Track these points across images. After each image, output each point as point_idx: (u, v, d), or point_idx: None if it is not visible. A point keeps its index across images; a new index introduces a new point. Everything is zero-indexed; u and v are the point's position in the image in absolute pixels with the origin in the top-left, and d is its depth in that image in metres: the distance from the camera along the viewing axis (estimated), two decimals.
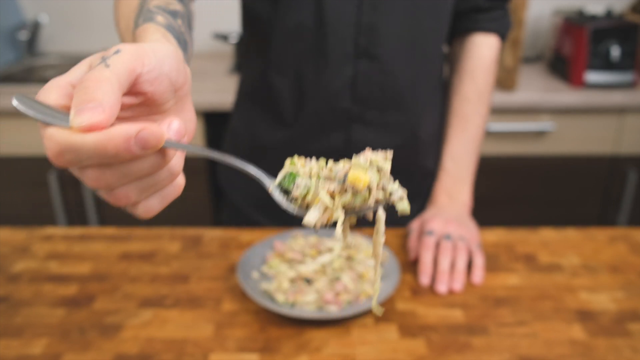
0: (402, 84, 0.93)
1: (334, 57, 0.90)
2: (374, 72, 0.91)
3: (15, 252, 0.91)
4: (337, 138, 0.95)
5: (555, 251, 0.91)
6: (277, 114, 0.96)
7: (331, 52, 0.89)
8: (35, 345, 0.70)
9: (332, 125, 0.94)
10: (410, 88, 0.94)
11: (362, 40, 0.89)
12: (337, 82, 0.91)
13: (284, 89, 0.94)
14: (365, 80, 0.91)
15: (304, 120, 0.95)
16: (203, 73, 2.05)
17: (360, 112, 0.93)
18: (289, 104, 0.95)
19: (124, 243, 0.93)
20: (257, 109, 1.00)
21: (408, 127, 0.96)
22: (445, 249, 0.84)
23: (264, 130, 0.99)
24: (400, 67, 0.92)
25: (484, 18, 0.99)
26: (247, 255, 0.84)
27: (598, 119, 1.85)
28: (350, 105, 0.92)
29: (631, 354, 0.69)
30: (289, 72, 0.93)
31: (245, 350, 0.69)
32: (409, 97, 0.94)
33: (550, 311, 0.77)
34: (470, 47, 1.00)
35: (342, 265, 0.81)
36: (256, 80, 0.98)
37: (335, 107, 0.93)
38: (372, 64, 0.90)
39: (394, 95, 0.93)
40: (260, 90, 0.98)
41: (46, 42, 2.33)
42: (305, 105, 0.93)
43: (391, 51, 0.90)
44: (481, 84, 0.98)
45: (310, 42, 0.90)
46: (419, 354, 0.69)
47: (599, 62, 1.86)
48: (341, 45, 0.89)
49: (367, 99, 0.92)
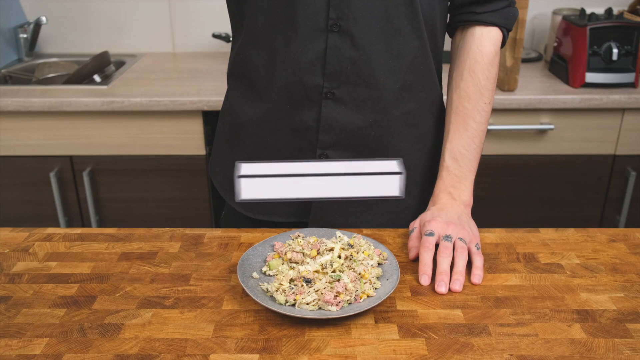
0: (374, 59, 0.91)
1: (305, 31, 0.89)
2: (345, 47, 0.90)
3: (16, 252, 0.91)
4: (309, 114, 0.94)
5: (555, 251, 0.91)
6: (252, 88, 0.97)
7: (302, 25, 0.89)
8: (35, 345, 0.70)
9: (304, 101, 0.94)
10: (383, 64, 0.92)
11: (333, 14, 0.88)
12: (308, 57, 0.91)
13: (259, 63, 0.94)
14: (335, 55, 0.90)
15: (276, 95, 0.95)
16: (203, 73, 2.05)
17: (331, 87, 0.92)
18: (262, 78, 0.95)
19: (124, 243, 0.93)
20: (236, 86, 1.01)
21: (381, 105, 0.94)
22: (445, 250, 0.84)
23: (241, 107, 1.00)
24: (371, 43, 0.90)
25: (484, 10, 0.95)
26: (247, 255, 0.84)
27: (598, 119, 1.85)
28: (321, 80, 0.92)
29: (631, 354, 0.69)
30: (262, 45, 0.93)
31: (245, 351, 0.69)
32: (382, 73, 0.92)
33: (550, 311, 0.77)
34: (470, 41, 0.97)
35: (342, 266, 0.81)
36: (236, 56, 0.99)
37: (306, 83, 0.92)
38: (342, 38, 0.89)
39: (366, 71, 0.91)
40: (238, 66, 0.99)
41: (47, 42, 2.33)
42: (277, 79, 0.93)
43: (362, 26, 0.89)
44: (482, 80, 0.96)
45: (281, 15, 0.90)
46: (419, 354, 0.69)
47: (599, 62, 1.86)
48: (312, 18, 0.89)
49: (338, 74, 0.91)
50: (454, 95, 0.98)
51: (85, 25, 2.30)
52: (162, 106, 1.80)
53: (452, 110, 0.98)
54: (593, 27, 1.84)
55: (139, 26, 2.30)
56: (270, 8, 0.90)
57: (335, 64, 0.91)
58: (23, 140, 1.86)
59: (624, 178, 1.93)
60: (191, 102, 1.79)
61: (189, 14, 2.28)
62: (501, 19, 0.96)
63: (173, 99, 1.79)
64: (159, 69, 2.12)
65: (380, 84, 0.93)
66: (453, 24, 1.01)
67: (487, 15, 0.96)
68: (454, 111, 0.98)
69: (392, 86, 0.94)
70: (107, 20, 2.29)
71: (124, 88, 1.89)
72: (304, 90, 0.93)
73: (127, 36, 2.32)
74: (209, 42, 2.30)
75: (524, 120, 1.85)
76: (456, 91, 0.98)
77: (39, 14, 2.23)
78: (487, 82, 0.97)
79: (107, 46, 2.27)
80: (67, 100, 1.79)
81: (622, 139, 1.87)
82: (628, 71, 1.85)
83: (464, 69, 0.97)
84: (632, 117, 1.84)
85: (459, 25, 1.00)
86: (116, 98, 1.79)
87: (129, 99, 1.79)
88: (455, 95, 0.98)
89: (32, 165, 1.90)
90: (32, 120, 1.83)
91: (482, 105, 0.97)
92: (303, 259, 0.82)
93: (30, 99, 1.79)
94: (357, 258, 0.82)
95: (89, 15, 2.28)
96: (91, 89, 1.88)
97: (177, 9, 2.27)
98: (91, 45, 2.30)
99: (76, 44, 2.33)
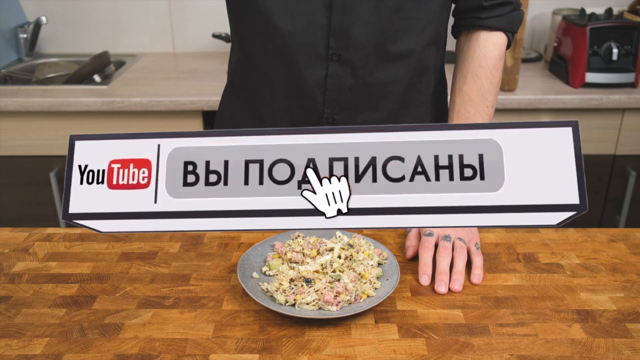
0: (373, 86, 0.93)
1: (305, 59, 0.91)
2: (345, 76, 0.91)
3: (16, 252, 0.91)
4: None
5: (555, 251, 0.91)
6: (252, 104, 0.99)
7: (301, 53, 0.90)
8: (35, 345, 0.70)
9: (305, 124, 0.95)
10: (382, 89, 0.93)
11: (333, 43, 0.90)
12: (309, 84, 0.92)
13: (258, 82, 0.96)
14: (336, 82, 0.92)
15: (277, 117, 0.96)
16: (203, 73, 2.05)
17: (331, 113, 0.94)
18: (262, 98, 0.97)
19: (124, 243, 0.93)
20: (237, 97, 1.03)
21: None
22: (444, 250, 0.84)
23: (244, 120, 1.02)
24: (371, 71, 0.92)
25: (488, 15, 0.96)
26: (247, 255, 0.84)
27: (598, 119, 1.85)
28: (321, 106, 0.94)
29: (631, 354, 0.69)
30: (261, 70, 0.95)
31: (245, 351, 0.69)
32: (381, 97, 0.94)
33: (550, 311, 0.77)
34: (474, 45, 0.97)
35: (342, 266, 0.81)
36: (235, 68, 1.01)
37: (306, 107, 0.94)
38: (343, 67, 0.91)
39: (365, 95, 0.93)
40: (238, 78, 1.01)
41: (47, 42, 2.33)
42: (276, 101, 0.95)
43: (362, 55, 0.90)
44: (485, 84, 0.96)
45: (279, 43, 0.91)
46: (419, 354, 0.69)
47: (599, 62, 1.86)
48: (312, 47, 0.90)
49: (339, 101, 0.93)
50: (457, 99, 0.99)
51: (85, 25, 2.30)
52: (162, 106, 1.80)
53: (454, 113, 0.99)
54: (593, 27, 1.84)
55: (139, 26, 2.30)
56: (267, 35, 0.91)
57: (335, 92, 0.92)
58: (23, 140, 1.86)
59: (624, 178, 1.92)
60: (191, 102, 1.79)
61: (189, 14, 2.28)
62: (506, 24, 0.96)
63: (173, 99, 1.79)
64: (159, 69, 2.11)
65: (379, 106, 0.95)
66: (458, 27, 1.01)
67: (491, 20, 0.96)
68: (456, 114, 0.98)
69: (391, 107, 0.96)
70: (107, 20, 2.29)
71: (124, 88, 1.89)
72: (304, 115, 0.94)
73: (127, 36, 2.32)
74: (209, 42, 2.30)
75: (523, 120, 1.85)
76: (459, 94, 0.98)
77: (39, 14, 2.22)
78: (491, 86, 0.97)
79: (107, 46, 2.27)
80: (67, 100, 1.79)
81: (622, 139, 1.87)
82: (628, 71, 1.85)
83: (467, 72, 0.97)
84: (632, 117, 1.84)
85: (464, 29, 1.00)
86: (116, 98, 1.79)
87: (129, 99, 1.79)
88: (458, 98, 0.98)
89: (32, 165, 1.90)
90: (32, 120, 1.83)
91: (484, 109, 0.97)
92: (303, 259, 0.82)
93: (30, 99, 1.79)
94: (357, 258, 0.82)
95: (89, 15, 2.28)
96: (91, 89, 1.88)
97: (177, 9, 2.27)
98: (91, 45, 2.30)
99: (76, 44, 2.33)
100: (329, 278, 0.77)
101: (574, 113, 1.84)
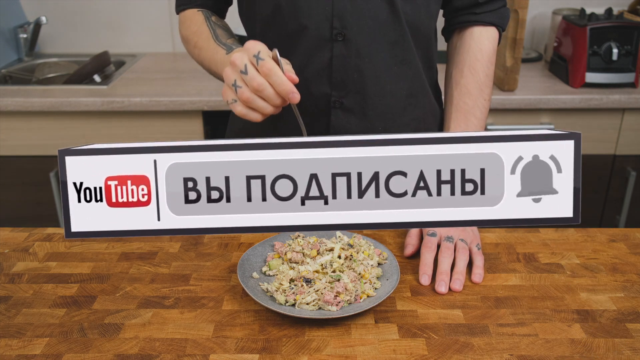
0: (380, 67, 0.92)
1: (309, 41, 0.90)
2: (350, 56, 0.91)
3: (16, 252, 0.91)
4: (318, 124, 0.95)
5: (555, 251, 0.91)
6: None
7: (306, 35, 0.90)
8: (35, 345, 0.70)
9: (313, 110, 0.94)
10: (389, 71, 0.93)
11: (337, 23, 0.89)
12: (314, 66, 0.92)
13: None
14: (341, 64, 0.91)
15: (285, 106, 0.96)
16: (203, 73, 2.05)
17: (339, 96, 0.93)
18: None
19: (124, 243, 0.93)
20: None
21: (389, 113, 0.96)
22: (446, 250, 0.84)
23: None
24: (377, 50, 0.91)
25: (482, 10, 0.98)
26: (247, 255, 0.84)
27: (598, 119, 1.85)
28: (328, 89, 0.93)
29: (631, 354, 0.69)
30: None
31: (245, 351, 0.69)
32: (389, 81, 0.94)
33: (550, 311, 0.77)
34: (469, 40, 0.99)
35: (342, 266, 0.81)
36: None
37: (314, 92, 0.93)
38: (347, 47, 0.90)
39: (373, 79, 0.93)
40: None
41: (47, 42, 2.33)
42: None
43: (367, 34, 0.90)
44: (482, 76, 0.98)
45: (285, 27, 0.91)
46: (419, 354, 0.69)
47: (599, 62, 1.86)
48: (316, 28, 0.90)
49: (345, 83, 0.93)
50: (454, 92, 0.99)
51: (85, 25, 2.30)
52: (162, 106, 1.79)
53: (452, 106, 0.99)
54: (593, 27, 1.84)
55: (139, 26, 2.30)
56: (274, 20, 0.91)
57: (341, 73, 0.92)
58: (23, 140, 1.86)
59: (624, 178, 1.92)
60: (191, 102, 1.79)
61: None
62: (498, 19, 0.99)
63: (173, 99, 1.79)
64: (159, 69, 2.11)
65: (387, 91, 0.94)
66: (450, 26, 1.02)
67: (485, 15, 0.98)
68: (454, 107, 0.98)
69: (399, 93, 0.95)
70: (107, 20, 2.29)
71: (124, 88, 1.89)
72: (312, 100, 0.93)
73: (127, 36, 2.32)
74: None
75: (523, 120, 1.85)
76: (456, 88, 0.99)
77: (39, 14, 2.22)
78: (487, 80, 0.98)
79: (107, 46, 2.27)
80: (67, 100, 1.79)
81: (622, 139, 1.87)
82: (628, 71, 1.85)
83: (464, 66, 0.98)
84: (632, 117, 1.84)
85: (457, 28, 1.01)
86: (116, 98, 1.79)
87: (129, 99, 1.79)
88: (456, 92, 0.98)
89: (32, 165, 1.90)
90: (32, 120, 1.83)
91: (482, 102, 0.98)
92: (303, 259, 0.82)
93: (30, 99, 1.79)
94: (357, 258, 0.82)
95: (89, 15, 2.28)
96: (91, 89, 1.88)
97: None
98: (91, 45, 2.30)
99: (76, 44, 2.33)
100: (329, 278, 0.78)
101: (574, 113, 1.84)
